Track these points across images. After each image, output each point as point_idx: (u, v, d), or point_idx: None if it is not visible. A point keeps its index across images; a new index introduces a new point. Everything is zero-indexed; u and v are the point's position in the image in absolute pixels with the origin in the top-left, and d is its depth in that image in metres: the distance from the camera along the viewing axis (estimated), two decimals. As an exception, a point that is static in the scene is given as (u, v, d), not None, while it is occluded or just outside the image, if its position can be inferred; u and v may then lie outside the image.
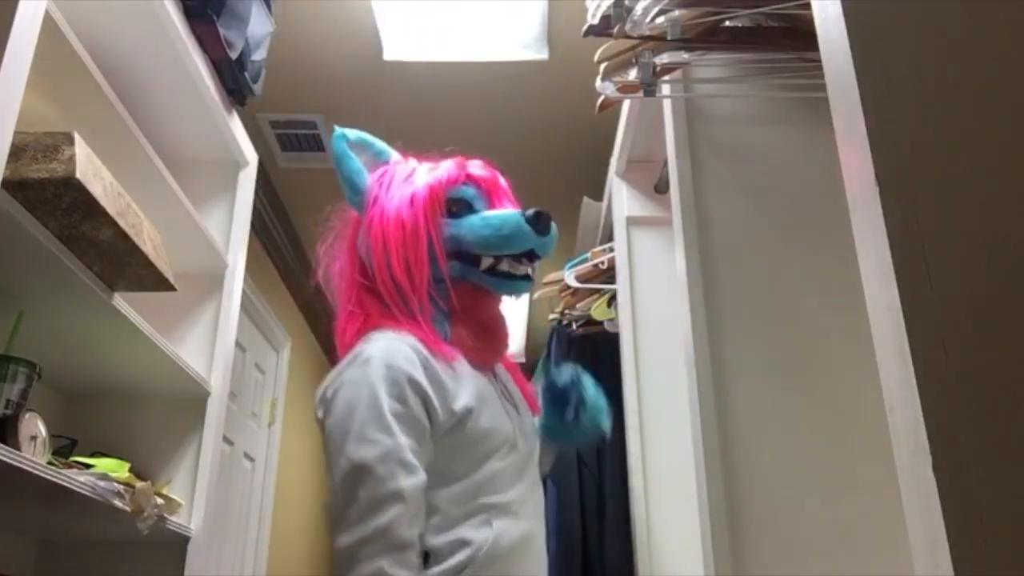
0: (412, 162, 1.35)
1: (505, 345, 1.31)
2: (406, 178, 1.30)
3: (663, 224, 2.22)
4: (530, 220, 1.21)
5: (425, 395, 1.12)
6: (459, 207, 1.26)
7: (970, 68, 0.62)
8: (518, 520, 1.15)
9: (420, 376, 1.12)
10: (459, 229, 1.23)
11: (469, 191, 1.28)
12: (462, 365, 1.19)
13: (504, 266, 1.22)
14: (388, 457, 1.05)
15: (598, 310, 2.56)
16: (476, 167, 1.33)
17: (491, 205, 1.27)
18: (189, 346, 1.89)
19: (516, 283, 1.24)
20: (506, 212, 1.24)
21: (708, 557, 1.28)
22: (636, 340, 2.21)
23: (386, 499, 1.02)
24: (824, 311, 1.41)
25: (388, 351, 1.14)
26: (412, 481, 1.05)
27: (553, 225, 1.25)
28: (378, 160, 1.36)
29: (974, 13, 0.64)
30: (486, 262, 1.22)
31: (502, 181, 1.33)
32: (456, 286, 1.24)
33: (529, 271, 1.25)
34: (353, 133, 1.38)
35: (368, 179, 1.33)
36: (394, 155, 1.39)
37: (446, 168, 1.31)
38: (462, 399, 1.14)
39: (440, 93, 2.79)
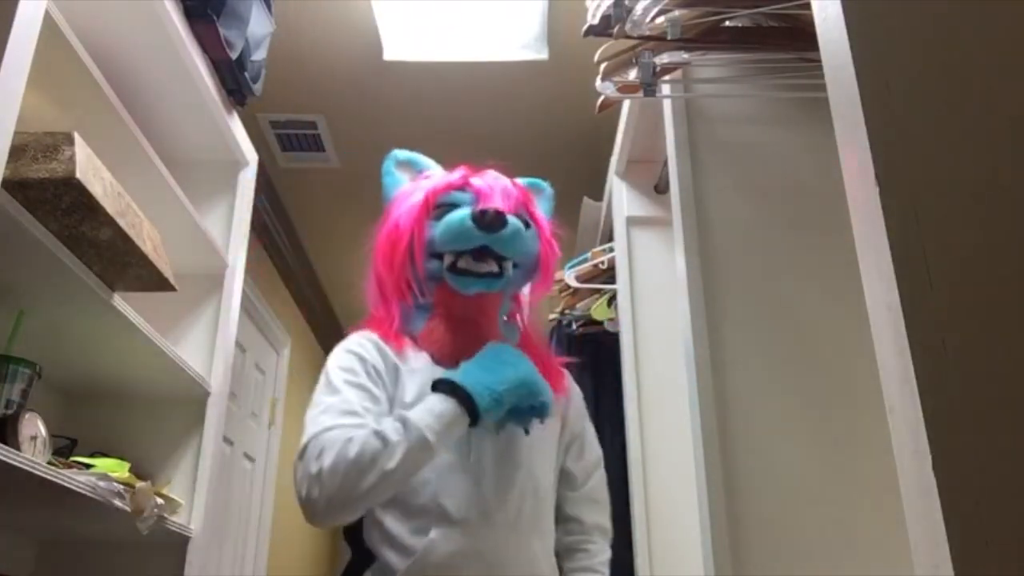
0: (436, 174, 1.39)
1: (481, 342, 1.29)
2: (417, 189, 1.36)
3: (663, 224, 2.22)
4: (474, 217, 1.24)
5: (375, 367, 1.23)
6: (446, 211, 1.29)
7: (970, 68, 0.62)
8: (461, 529, 1.15)
9: (368, 355, 1.24)
10: (434, 230, 1.29)
11: (460, 196, 1.31)
12: (418, 358, 1.27)
13: (462, 263, 1.26)
14: (330, 408, 1.15)
15: (598, 310, 2.56)
16: (480, 178, 1.34)
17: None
18: (189, 346, 1.89)
19: (476, 280, 1.26)
20: (460, 211, 1.27)
21: (708, 557, 1.29)
22: (636, 340, 2.21)
23: (334, 441, 1.09)
24: (824, 311, 1.41)
25: (346, 343, 1.28)
26: (354, 420, 1.12)
27: (510, 222, 1.25)
28: (420, 176, 1.42)
29: (974, 13, 0.64)
30: (448, 259, 1.27)
31: (505, 190, 1.32)
32: (437, 283, 1.30)
33: (494, 269, 1.27)
34: (403, 154, 1.45)
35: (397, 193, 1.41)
36: (433, 169, 1.43)
37: (447, 175, 1.36)
38: (406, 388, 1.22)
39: (440, 93, 2.79)
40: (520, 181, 1.43)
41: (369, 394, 1.19)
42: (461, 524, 1.16)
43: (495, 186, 1.32)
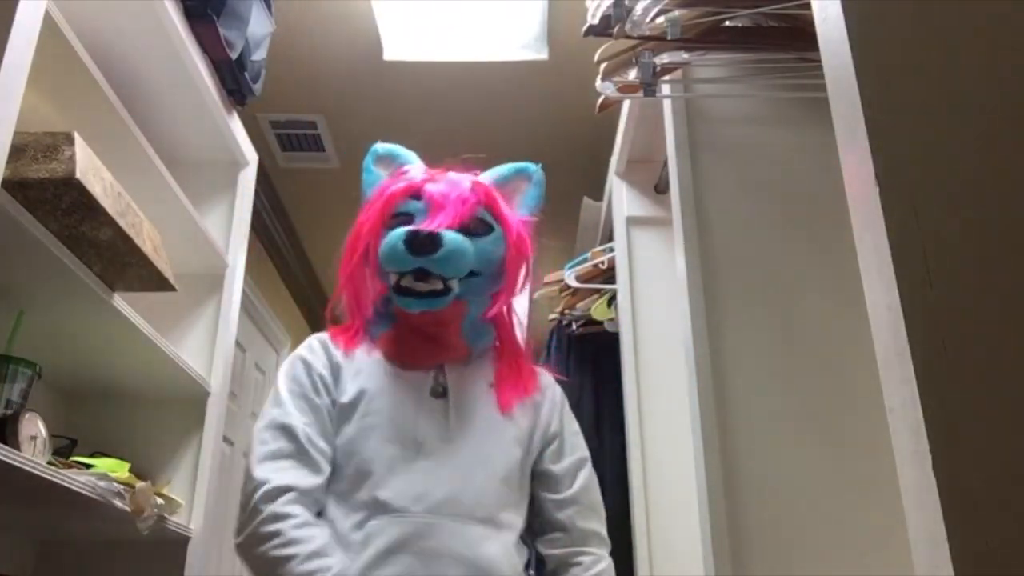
0: (412, 172, 1.38)
1: (442, 349, 1.32)
2: (382, 193, 1.35)
3: (663, 224, 2.22)
4: (407, 240, 1.23)
5: (320, 373, 1.27)
6: (400, 221, 1.29)
7: (970, 68, 0.62)
8: (399, 518, 1.16)
9: (314, 359, 1.29)
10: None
11: (416, 206, 1.31)
12: (367, 357, 1.31)
13: (405, 282, 1.26)
14: (272, 424, 1.22)
15: (598, 310, 2.55)
16: (437, 183, 1.33)
17: (427, 218, 1.28)
18: (189, 346, 1.89)
19: (417, 300, 1.26)
20: (396, 233, 1.25)
21: (708, 557, 1.28)
22: (636, 340, 2.21)
23: (263, 461, 1.18)
24: (824, 311, 1.41)
25: (299, 348, 1.34)
26: (291, 447, 1.19)
27: (445, 243, 1.23)
28: (399, 171, 1.41)
29: (974, 13, 0.64)
30: (393, 278, 1.28)
31: (460, 198, 1.30)
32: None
33: (437, 287, 1.25)
34: (384, 147, 1.45)
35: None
36: (413, 164, 1.42)
37: (403, 181, 1.35)
38: (345, 388, 1.27)
39: (440, 93, 2.79)
40: (502, 170, 1.42)
41: (310, 404, 1.24)
42: (399, 513, 1.16)
43: (449, 194, 1.30)
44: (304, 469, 1.18)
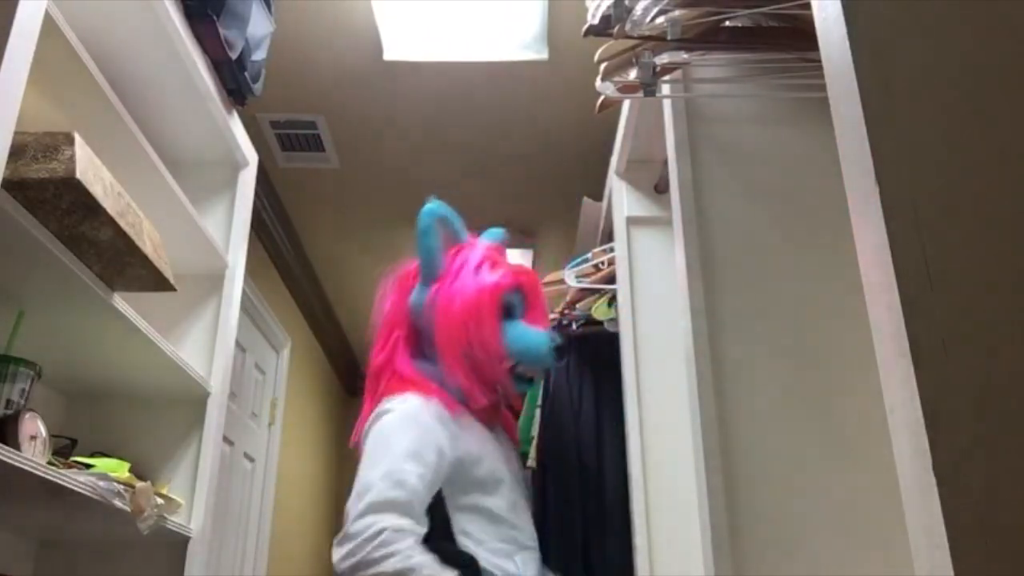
0: (480, 250, 1.70)
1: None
2: (476, 269, 1.64)
3: (663, 224, 2.22)
4: (554, 349, 1.69)
5: (439, 442, 1.50)
6: (507, 311, 1.66)
7: (970, 68, 0.62)
8: (533, 551, 1.56)
9: (436, 427, 1.52)
10: (505, 333, 1.63)
11: (515, 298, 1.69)
12: (471, 421, 1.62)
13: (520, 370, 1.67)
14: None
15: (598, 310, 2.55)
16: (525, 275, 1.75)
17: (526, 313, 1.71)
18: (189, 346, 1.89)
19: (525, 385, 1.74)
20: (542, 338, 1.68)
21: (708, 556, 1.28)
22: (636, 340, 2.21)
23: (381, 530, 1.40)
24: (824, 311, 1.41)
25: (416, 410, 1.54)
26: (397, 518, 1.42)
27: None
28: (453, 239, 1.71)
29: (974, 13, 0.64)
30: (506, 364, 1.65)
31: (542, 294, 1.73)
32: None
33: (535, 376, 1.75)
34: (440, 210, 1.71)
35: (442, 258, 1.68)
36: (466, 237, 1.74)
37: (505, 274, 1.69)
38: (468, 447, 1.55)
39: (440, 93, 2.79)
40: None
41: (430, 472, 1.58)
42: (528, 548, 1.58)
43: (535, 287, 1.84)
44: None
